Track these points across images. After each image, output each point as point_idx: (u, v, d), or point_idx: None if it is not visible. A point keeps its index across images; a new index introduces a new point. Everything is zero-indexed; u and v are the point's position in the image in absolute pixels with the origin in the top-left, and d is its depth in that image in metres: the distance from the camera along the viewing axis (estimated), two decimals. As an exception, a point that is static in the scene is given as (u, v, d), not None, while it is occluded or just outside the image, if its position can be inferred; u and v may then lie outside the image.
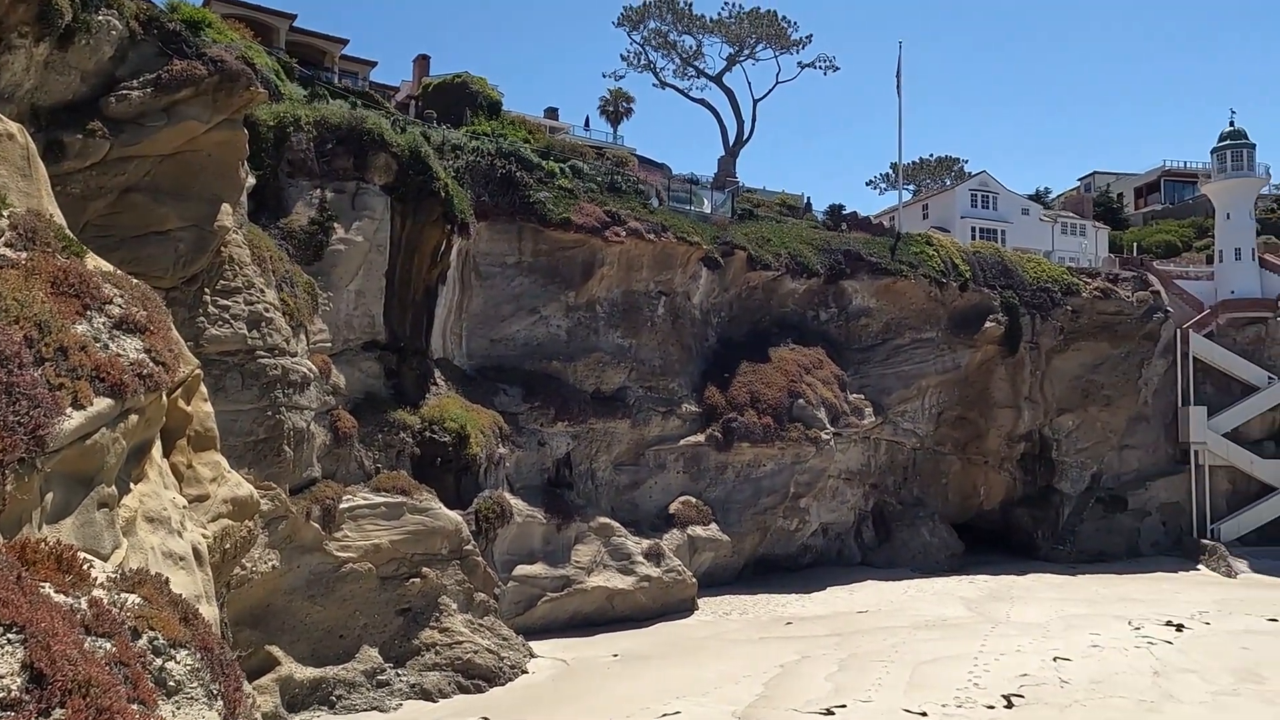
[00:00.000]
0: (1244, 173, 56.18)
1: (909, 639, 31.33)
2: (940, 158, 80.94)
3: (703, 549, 37.73)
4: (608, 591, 32.81)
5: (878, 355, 47.17)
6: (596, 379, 37.79)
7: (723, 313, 43.71)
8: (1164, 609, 36.96)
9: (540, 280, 37.29)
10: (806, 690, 25.22)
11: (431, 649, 25.25)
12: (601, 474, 37.59)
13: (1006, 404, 49.82)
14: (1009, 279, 50.06)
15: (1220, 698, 25.64)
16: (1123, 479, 52.03)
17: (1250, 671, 28.25)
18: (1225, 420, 51.20)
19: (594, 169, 41.39)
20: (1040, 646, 30.56)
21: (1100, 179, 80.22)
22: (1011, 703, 24.58)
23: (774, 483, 40.78)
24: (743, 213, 47.32)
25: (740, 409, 40.08)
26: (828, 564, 44.07)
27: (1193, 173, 72.71)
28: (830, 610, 36.05)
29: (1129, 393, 51.94)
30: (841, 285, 46.47)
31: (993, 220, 58.77)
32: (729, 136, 62.74)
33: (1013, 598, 39.39)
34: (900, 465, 48.45)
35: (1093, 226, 62.96)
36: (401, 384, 30.44)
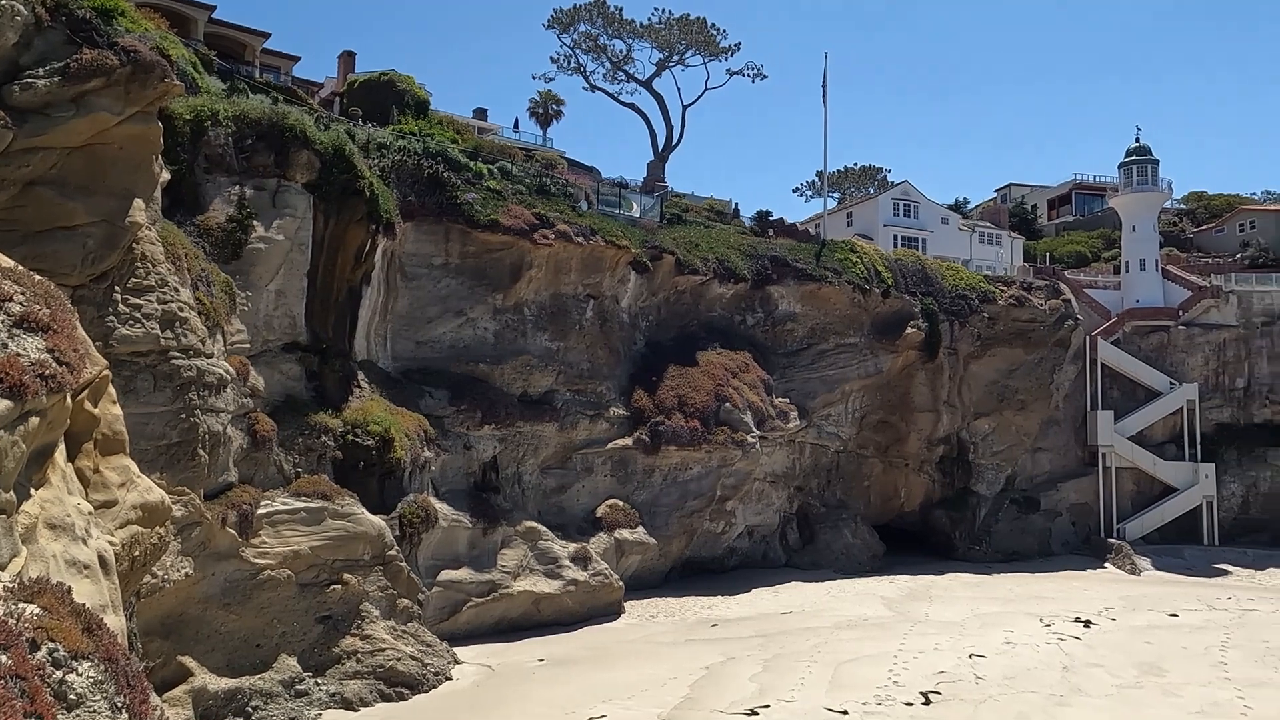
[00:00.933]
0: (1148, 187, 58.74)
1: (831, 639, 31.86)
2: (864, 167, 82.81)
3: (630, 552, 37.78)
4: (534, 596, 32.61)
5: (803, 360, 47.91)
6: (524, 382, 37.56)
7: (651, 316, 43.89)
8: (1073, 606, 38.32)
9: (467, 282, 36.91)
10: (731, 691, 25.44)
11: (353, 657, 24.74)
12: (528, 477, 37.36)
13: (926, 408, 51.12)
14: (929, 286, 51.40)
15: (1124, 690, 26.70)
16: (1035, 481, 53.88)
17: (1153, 665, 29.49)
18: (1131, 424, 53.40)
19: (523, 171, 41.17)
20: (957, 644, 31.38)
21: (1016, 190, 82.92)
22: (929, 699, 25.18)
23: (701, 486, 41.08)
24: (671, 217, 47.61)
25: (668, 412, 40.28)
26: (753, 566, 44.57)
27: (1102, 186, 75.74)
28: (755, 612, 36.44)
29: (1042, 397, 53.80)
30: (768, 290, 47.08)
31: (914, 229, 60.27)
32: (658, 141, 63.16)
33: (931, 597, 40.37)
34: (824, 468, 49.28)
35: (1008, 236, 65.05)
36: (323, 386, 29.78)
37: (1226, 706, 25.30)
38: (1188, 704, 25.42)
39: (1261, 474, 53.15)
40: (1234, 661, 30.12)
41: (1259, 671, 28.99)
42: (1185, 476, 52.48)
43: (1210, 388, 54.28)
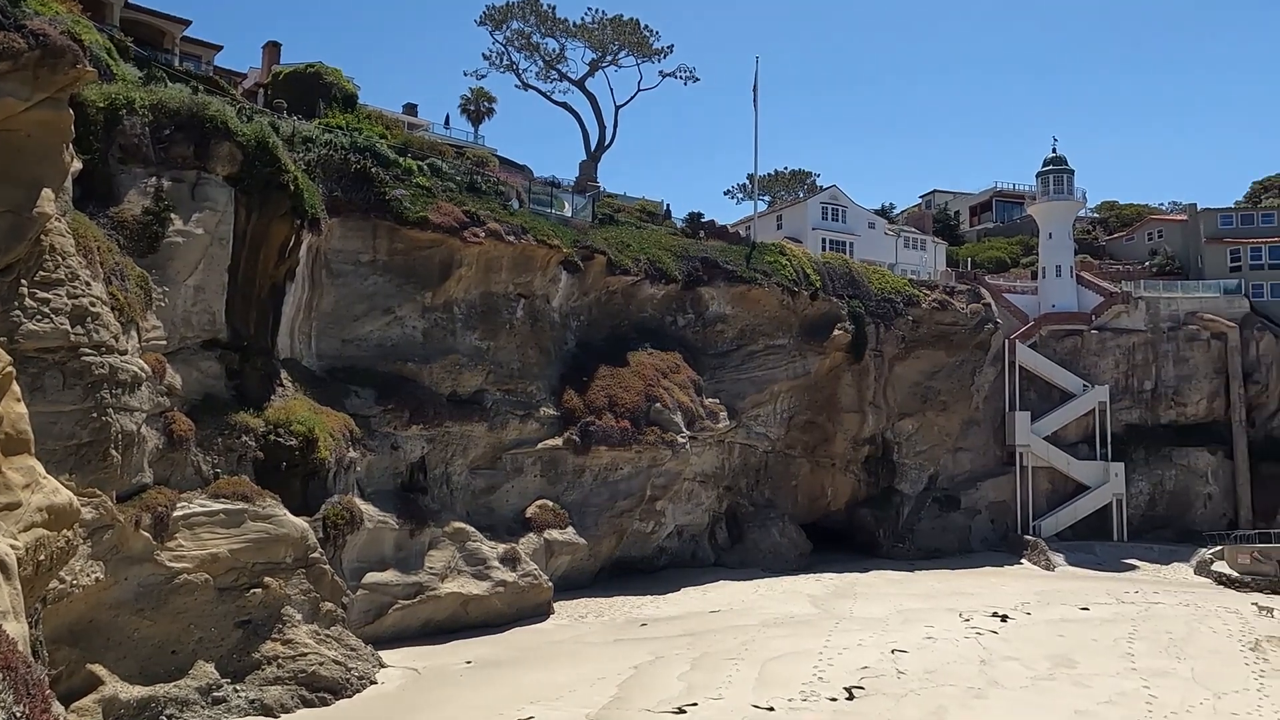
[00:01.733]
0: (1064, 196, 60.86)
1: (759, 637, 32.24)
2: (794, 171, 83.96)
3: (559, 553, 37.66)
4: (462, 598, 32.27)
5: (733, 360, 48.38)
6: (453, 381, 37.15)
7: (582, 316, 43.83)
8: (991, 601, 39.46)
9: (395, 280, 36.35)
10: (659, 690, 25.56)
11: (273, 662, 24.14)
12: (457, 478, 36.96)
13: (852, 409, 52.10)
14: (856, 289, 52.39)
15: (1038, 682, 27.61)
16: (956, 479, 55.35)
17: (1065, 657, 30.55)
18: (1046, 424, 55.23)
19: (453, 168, 40.71)
20: (880, 640, 32.04)
21: (940, 197, 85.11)
22: (853, 694, 25.66)
23: (631, 486, 41.17)
24: (603, 217, 47.60)
25: (598, 413, 40.27)
26: (682, 565, 44.83)
27: (1021, 194, 78.21)
28: (684, 611, 36.67)
29: (963, 398, 55.31)
30: (699, 291, 47.43)
31: (842, 233, 61.35)
32: (591, 141, 63.08)
33: (856, 594, 41.14)
34: (753, 468, 49.84)
35: (932, 241, 66.70)
36: (244, 385, 28.99)
37: (1132, 695, 26.34)
38: (1096, 694, 26.39)
39: (1167, 473, 55.49)
40: (1140, 652, 31.40)
41: (1162, 662, 30.27)
42: (1097, 475, 54.49)
43: (1120, 390, 56.48)
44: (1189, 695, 26.56)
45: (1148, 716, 24.49)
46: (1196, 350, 56.55)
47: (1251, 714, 25.13)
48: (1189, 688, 27.34)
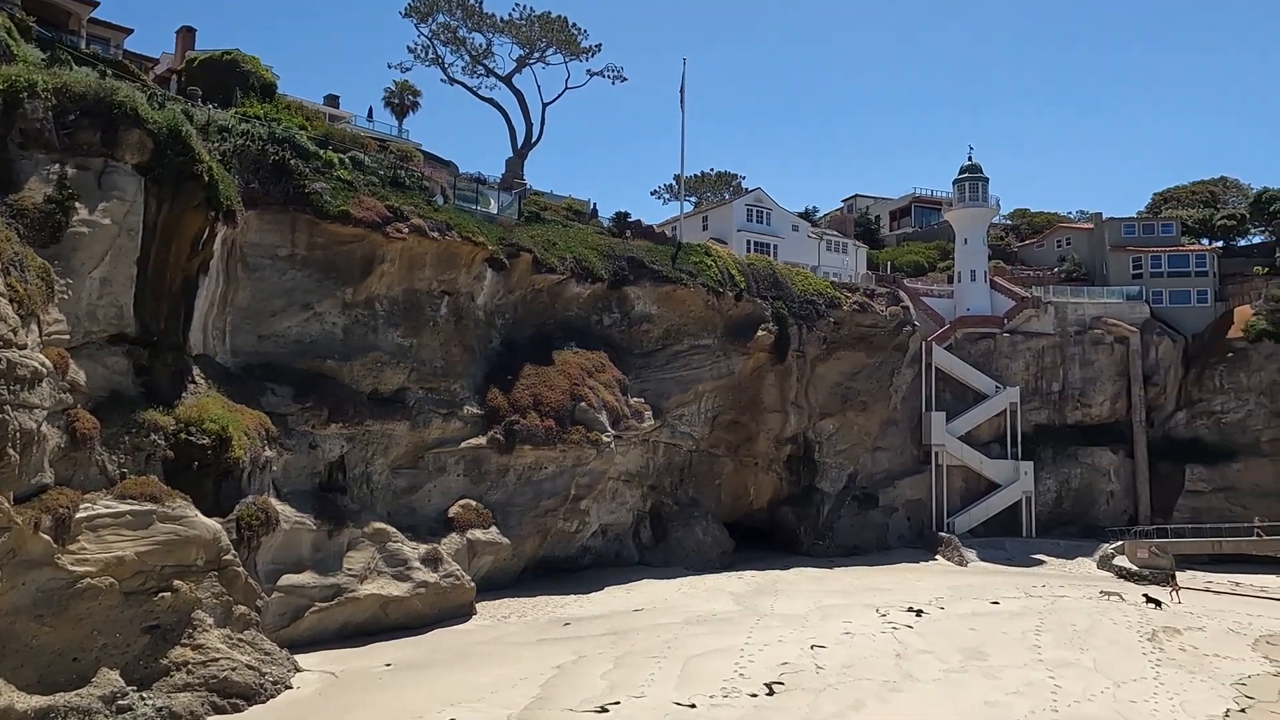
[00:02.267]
0: (979, 203, 62.84)
1: (682, 634, 32.46)
2: (720, 173, 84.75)
3: (482, 553, 37.32)
4: (382, 599, 31.70)
5: (658, 360, 48.62)
6: (374, 379, 36.48)
7: (507, 315, 43.49)
8: (907, 597, 40.48)
9: (315, 275, 35.52)
10: (582, 689, 25.53)
11: (183, 668, 23.32)
12: (378, 477, 36.32)
13: (775, 408, 52.85)
14: (780, 290, 53.17)
15: (951, 675, 28.43)
16: (875, 478, 56.65)
17: (976, 650, 31.53)
18: (960, 424, 56.95)
19: (376, 162, 39.98)
20: (800, 636, 32.58)
21: (861, 201, 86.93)
22: (773, 690, 26.03)
23: (555, 485, 41.02)
24: (530, 215, 47.32)
25: (523, 411, 40.02)
26: (607, 564, 44.87)
27: (938, 200, 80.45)
28: (608, 610, 36.70)
29: (882, 399, 56.62)
30: (625, 291, 47.52)
31: (766, 235, 62.20)
32: (518, 138, 62.64)
33: (777, 591, 41.75)
34: (677, 467, 50.17)
35: (853, 245, 68.11)
36: (154, 382, 27.94)
37: (1039, 686, 27.34)
38: (1005, 685, 27.31)
39: (1073, 471, 57.75)
40: (1046, 644, 32.60)
41: (1067, 653, 31.48)
42: (1008, 473, 56.40)
43: (1030, 391, 58.57)
44: (1091, 684, 27.69)
45: (1052, 705, 25.43)
46: (1101, 354, 58.95)
47: (1148, 701, 26.33)
48: (1091, 677, 28.50)
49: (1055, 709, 25.16)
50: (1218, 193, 75.50)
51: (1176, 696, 26.88)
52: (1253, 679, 29.18)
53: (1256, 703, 26.74)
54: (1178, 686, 27.92)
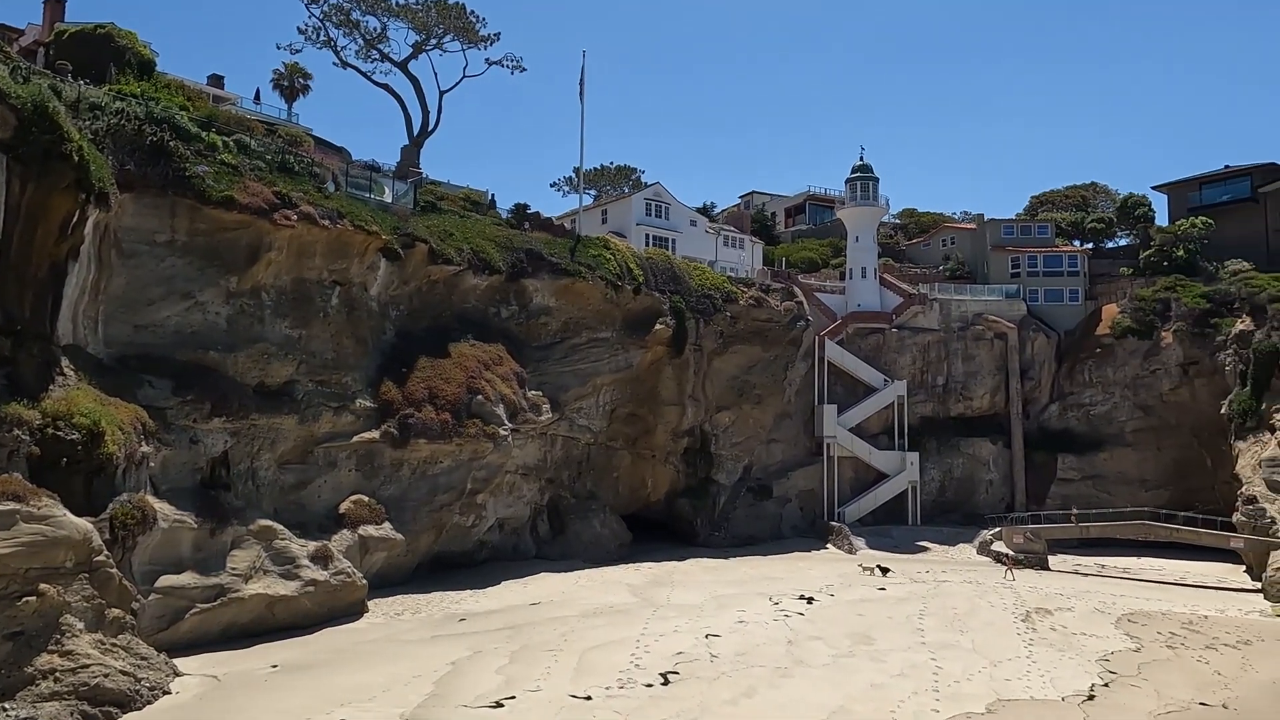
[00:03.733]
0: (870, 202, 64.76)
1: (578, 627, 32.48)
2: (620, 166, 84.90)
3: (375, 549, 36.50)
4: (268, 599, 30.65)
5: (556, 353, 48.44)
6: (261, 371, 35.20)
7: (402, 306, 42.58)
8: (799, 585, 41.50)
9: (197, 262, 34.01)
10: (477, 685, 25.27)
11: (50, 676, 22.03)
12: (264, 473, 35.09)
13: (673, 402, 53.37)
14: (678, 285, 53.67)
15: (840, 659, 29.31)
16: (769, 470, 57.85)
17: (863, 635, 32.58)
18: (851, 417, 58.68)
19: (264, 146, 38.54)
20: (695, 626, 33.03)
21: (758, 198, 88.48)
22: (668, 679, 26.32)
23: (451, 479, 40.44)
24: (426, 205, 46.44)
25: (418, 405, 39.29)
26: (504, 559, 44.52)
27: (831, 199, 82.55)
28: (504, 604, 36.42)
29: (776, 392, 57.83)
30: (523, 283, 47.14)
31: (665, 229, 62.67)
32: (413, 126, 61.33)
33: (673, 582, 42.21)
34: (575, 460, 50.12)
35: (750, 241, 69.26)
36: (17, 373, 26.26)
37: (922, 667, 28.47)
38: (890, 668, 28.33)
39: (955, 461, 60.24)
40: (929, 628, 33.95)
41: (948, 635, 32.86)
42: (895, 464, 58.42)
43: (916, 384, 60.78)
44: (970, 664, 28.98)
45: (934, 686, 26.51)
46: (982, 349, 61.60)
47: (1022, 679, 27.74)
48: (970, 658, 29.83)
49: (936, 689, 26.24)
50: (1088, 197, 79.82)
51: (1047, 674, 28.39)
52: (1115, 655, 31.07)
53: (1119, 677, 28.49)
54: (1049, 664, 29.49)
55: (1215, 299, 56.20)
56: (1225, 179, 65.61)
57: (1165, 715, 25.16)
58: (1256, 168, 64.20)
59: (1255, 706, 26.43)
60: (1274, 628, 36.35)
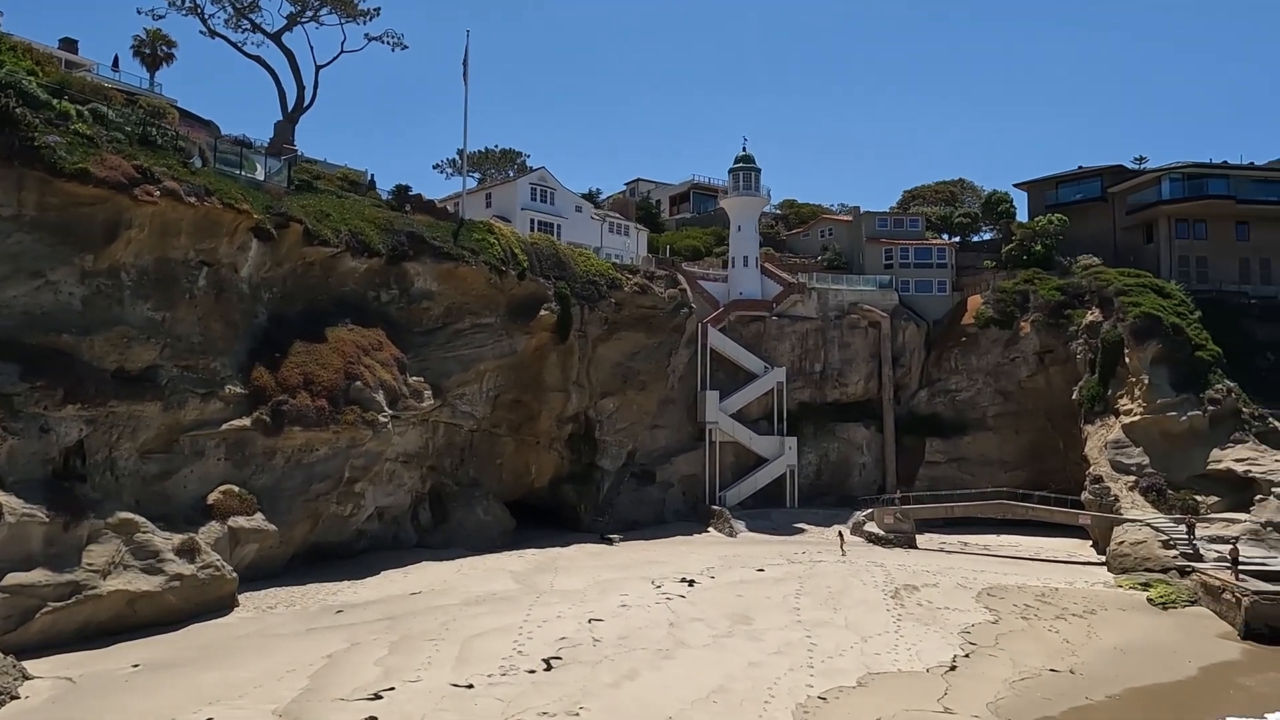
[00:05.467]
0: (752, 192, 66.00)
1: (460, 615, 32.17)
2: (504, 150, 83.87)
3: (246, 541, 35.15)
4: (129, 596, 29.14)
5: (439, 339, 47.60)
6: (120, 356, 33.27)
7: (275, 288, 40.96)
8: (681, 568, 42.20)
9: (47, 239, 31.80)
10: (355, 678, 24.74)
11: (-122, 685, 20.40)
12: (125, 463, 33.28)
13: (557, 388, 53.25)
14: (563, 271, 53.49)
15: (719, 639, 30.03)
16: (653, 455, 58.49)
17: (742, 615, 33.45)
18: (733, 403, 59.89)
19: (123, 117, 36.35)
20: (578, 611, 33.20)
21: (643, 185, 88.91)
22: (551, 665, 26.40)
23: (328, 468, 39.27)
24: (301, 184, 44.76)
25: (293, 391, 37.96)
26: (383, 548, 43.58)
27: (715, 188, 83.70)
28: (383, 595, 35.71)
29: (660, 378, 58.44)
30: (404, 267, 46.07)
31: (550, 215, 62.30)
32: (288, 101, 58.90)
33: (557, 568, 42.26)
34: (458, 447, 49.46)
35: (635, 228, 69.63)
36: None
37: (797, 645, 29.48)
38: (767, 646, 29.23)
39: (831, 445, 62.30)
40: (805, 607, 35.14)
41: (823, 613, 34.10)
42: (774, 449, 60.00)
43: (795, 371, 62.51)
44: (842, 641, 30.19)
45: (809, 662, 27.51)
46: (857, 337, 63.82)
47: (890, 652, 29.09)
48: (843, 635, 31.06)
49: (811, 666, 27.23)
50: (956, 193, 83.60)
51: (914, 647, 29.84)
52: (975, 627, 32.93)
53: (978, 648, 30.21)
54: (915, 638, 31.00)
55: (1068, 292, 59.78)
56: (1079, 179, 69.87)
57: (1019, 682, 26.86)
58: (1107, 169, 68.63)
59: (1097, 671, 28.53)
60: (1116, 598, 39.23)
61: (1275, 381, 53.91)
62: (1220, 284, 61.03)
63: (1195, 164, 64.25)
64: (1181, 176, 63.23)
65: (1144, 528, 44.99)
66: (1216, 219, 63.05)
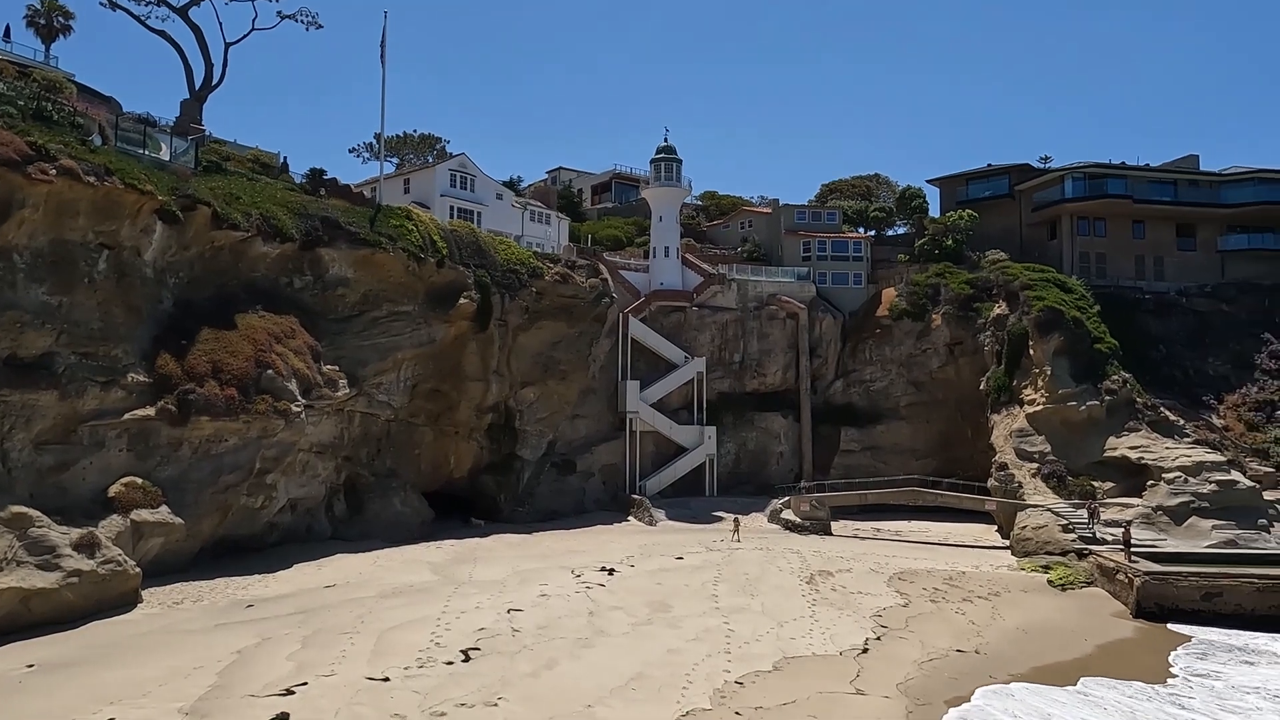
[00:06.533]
0: (673, 183, 66.32)
1: (376, 608, 31.63)
2: (423, 135, 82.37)
3: (150, 535, 33.89)
4: (23, 593, 27.81)
5: (355, 327, 46.60)
6: (13, 342, 31.69)
7: (182, 273, 39.51)
8: (601, 557, 42.30)
9: (-68, 218, 30.07)
10: (266, 673, 24.11)
11: None
12: (18, 455, 31.74)
13: (477, 377, 52.72)
14: (483, 259, 52.89)
15: (639, 627, 30.21)
16: (574, 445, 58.43)
17: (662, 603, 33.72)
18: (653, 392, 60.22)
19: (15, 90, 34.64)
20: (497, 601, 32.99)
21: (565, 174, 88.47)
22: (469, 656, 26.18)
23: (238, 459, 38.12)
24: (209, 165, 43.25)
25: (200, 380, 36.71)
26: (297, 540, 42.56)
27: (637, 178, 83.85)
28: (297, 588, 34.87)
29: (581, 368, 58.37)
30: (319, 253, 44.92)
31: (470, 202, 61.51)
32: (195, 79, 56.73)
33: (476, 559, 41.90)
34: (375, 437, 48.57)
35: (556, 217, 69.25)
36: None
37: (715, 631, 29.86)
38: (686, 633, 29.53)
39: (749, 435, 63.20)
40: (723, 593, 35.60)
41: (740, 599, 34.61)
42: (693, 438, 60.58)
43: (715, 361, 63.17)
44: (759, 626, 30.70)
45: (726, 648, 27.90)
46: (775, 328, 64.79)
47: (805, 637, 29.72)
48: (759, 620, 31.59)
49: (728, 651, 27.62)
50: (872, 187, 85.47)
51: (828, 631, 30.55)
52: (887, 611, 33.88)
53: (889, 631, 31.11)
54: (829, 622, 31.73)
55: (977, 285, 61.75)
56: (988, 176, 72.13)
57: (928, 663, 27.75)
58: (1014, 167, 71.01)
59: (1001, 650, 29.69)
60: (1019, 580, 40.84)
61: (1167, 373, 56.77)
62: (1118, 280, 63.82)
63: (1096, 164, 67.01)
64: (1083, 176, 65.85)
65: (1045, 513, 46.89)
66: (1115, 217, 65.87)
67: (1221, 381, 57.02)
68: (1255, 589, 35.14)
